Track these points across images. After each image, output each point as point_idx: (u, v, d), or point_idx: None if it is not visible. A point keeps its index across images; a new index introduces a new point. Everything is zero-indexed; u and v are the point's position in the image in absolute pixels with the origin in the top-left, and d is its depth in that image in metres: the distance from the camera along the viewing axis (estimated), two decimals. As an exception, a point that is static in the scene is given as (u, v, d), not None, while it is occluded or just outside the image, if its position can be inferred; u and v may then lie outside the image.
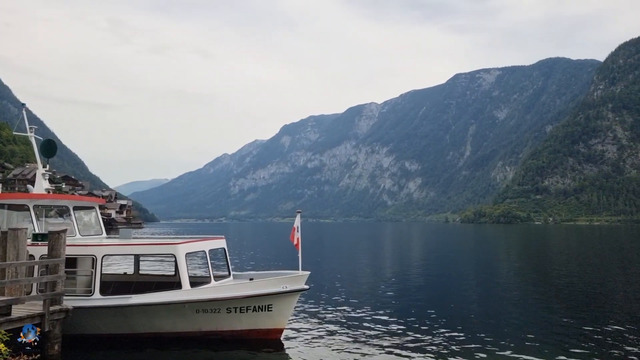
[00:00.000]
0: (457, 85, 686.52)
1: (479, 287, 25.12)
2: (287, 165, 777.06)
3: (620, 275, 29.83)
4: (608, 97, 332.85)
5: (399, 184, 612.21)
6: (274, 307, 13.27)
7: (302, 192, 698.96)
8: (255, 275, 15.41)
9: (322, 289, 22.47)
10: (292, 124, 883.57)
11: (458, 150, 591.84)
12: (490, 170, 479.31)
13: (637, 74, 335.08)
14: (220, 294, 13.05)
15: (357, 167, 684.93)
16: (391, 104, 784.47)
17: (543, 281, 27.22)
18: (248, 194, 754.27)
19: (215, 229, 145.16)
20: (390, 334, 13.98)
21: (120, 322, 13.00)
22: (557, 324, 15.53)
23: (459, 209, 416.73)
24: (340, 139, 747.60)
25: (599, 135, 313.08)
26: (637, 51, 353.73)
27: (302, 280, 13.70)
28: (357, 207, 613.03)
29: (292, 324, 14.99)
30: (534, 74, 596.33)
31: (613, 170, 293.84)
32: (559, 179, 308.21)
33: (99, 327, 13.00)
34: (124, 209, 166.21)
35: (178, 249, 13.25)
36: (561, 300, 20.53)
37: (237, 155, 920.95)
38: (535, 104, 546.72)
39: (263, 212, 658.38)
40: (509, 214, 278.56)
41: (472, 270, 33.78)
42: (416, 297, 20.78)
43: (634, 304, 19.58)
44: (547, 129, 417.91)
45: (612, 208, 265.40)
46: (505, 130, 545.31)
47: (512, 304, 19.54)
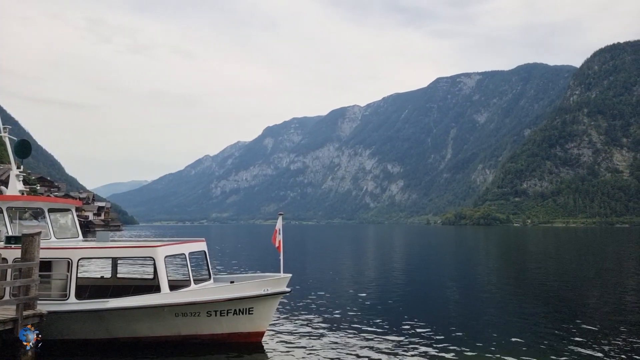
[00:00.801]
0: (438, 89, 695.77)
1: (459, 288, 25.44)
2: (269, 167, 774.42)
3: (594, 275, 30.62)
4: (584, 102, 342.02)
5: (381, 186, 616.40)
6: (255, 310, 13.19)
7: (285, 194, 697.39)
8: (236, 278, 15.28)
9: (304, 292, 22.44)
10: (275, 126, 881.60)
11: (439, 153, 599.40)
12: (470, 173, 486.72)
13: (612, 80, 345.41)
14: (200, 297, 12.90)
15: (340, 169, 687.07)
16: (374, 106, 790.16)
17: (521, 282, 27.74)
18: (230, 196, 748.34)
19: (196, 232, 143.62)
20: (372, 336, 14.04)
21: (96, 327, 12.73)
22: (535, 324, 15.84)
23: (440, 211, 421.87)
24: (323, 141, 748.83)
25: (575, 140, 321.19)
26: (611, 58, 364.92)
27: (284, 283, 13.66)
28: (340, 209, 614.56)
29: (273, 327, 14.93)
30: (513, 78, 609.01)
31: (588, 173, 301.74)
32: (537, 181, 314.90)
33: (75, 332, 12.71)
34: (102, 211, 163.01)
35: (157, 251, 13.05)
36: (539, 300, 20.95)
37: (219, 156, 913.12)
38: (514, 108, 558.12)
39: (245, 215, 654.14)
40: (489, 216, 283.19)
41: (453, 271, 34.20)
42: (398, 299, 20.93)
43: (608, 303, 20.11)
44: (525, 133, 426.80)
45: (588, 210, 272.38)
46: (485, 133, 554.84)
47: (492, 305, 19.85)
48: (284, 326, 15.29)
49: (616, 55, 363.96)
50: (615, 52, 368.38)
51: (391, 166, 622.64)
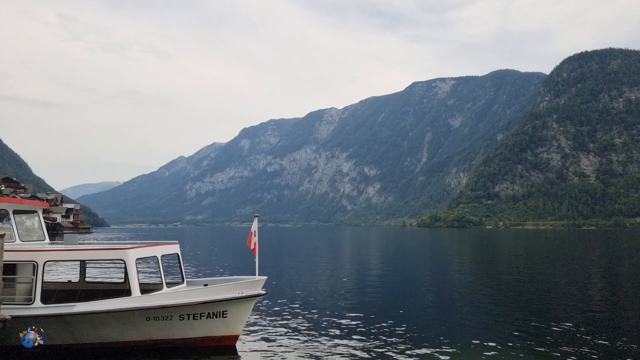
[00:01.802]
0: (414, 93, 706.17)
1: (434, 289, 25.79)
2: (246, 168, 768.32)
3: (562, 275, 31.56)
4: (553, 108, 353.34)
5: (358, 188, 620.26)
6: (229, 313, 13.02)
7: (262, 196, 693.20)
8: (210, 281, 15.08)
9: (280, 294, 22.30)
10: (252, 127, 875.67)
11: (415, 157, 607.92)
12: (445, 176, 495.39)
13: (580, 87, 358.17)
14: (173, 300, 12.64)
15: (317, 171, 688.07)
16: (351, 109, 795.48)
17: (494, 282, 28.34)
18: (205, 198, 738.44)
19: (169, 234, 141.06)
20: (348, 338, 14.06)
21: (63, 332, 12.32)
22: (506, 323, 16.18)
23: (416, 213, 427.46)
24: (300, 143, 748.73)
25: (545, 144, 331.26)
26: (579, 66, 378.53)
27: (259, 286, 13.53)
28: (317, 212, 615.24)
29: (248, 330, 14.77)
30: (486, 84, 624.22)
31: (557, 177, 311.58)
32: (508, 185, 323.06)
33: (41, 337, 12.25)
34: (71, 213, 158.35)
35: (128, 254, 12.74)
36: (510, 300, 21.44)
37: (194, 158, 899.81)
38: (487, 113, 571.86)
39: (221, 217, 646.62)
40: (462, 219, 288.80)
41: (428, 272, 34.66)
42: (373, 301, 21.04)
43: (575, 302, 20.75)
44: (498, 138, 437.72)
45: (557, 213, 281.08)
46: (460, 137, 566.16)
47: (466, 305, 20.18)
48: (258, 329, 15.14)
49: (584, 64, 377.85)
50: (582, 61, 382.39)
51: (368, 169, 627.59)
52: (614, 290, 25.15)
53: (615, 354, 12.55)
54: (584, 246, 70.40)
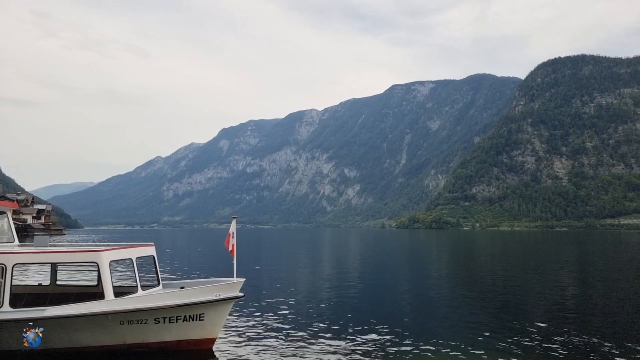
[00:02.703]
0: (394, 95, 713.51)
1: (412, 289, 26.03)
2: (225, 169, 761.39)
3: (536, 275, 32.32)
4: (528, 113, 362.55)
5: (338, 190, 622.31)
6: (206, 316, 12.85)
7: (241, 197, 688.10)
8: (187, 283, 14.85)
9: (259, 296, 22.14)
10: (231, 128, 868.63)
11: (394, 158, 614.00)
12: (424, 178, 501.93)
13: (553, 92, 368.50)
14: (148, 303, 12.40)
15: (297, 172, 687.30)
16: (331, 111, 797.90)
17: (470, 282, 28.81)
18: (183, 199, 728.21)
19: (145, 236, 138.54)
20: (327, 340, 14.04)
21: None
22: (483, 323, 16.44)
23: (395, 214, 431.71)
24: (280, 144, 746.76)
25: (520, 147, 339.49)
26: (553, 71, 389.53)
27: (237, 288, 13.39)
28: (297, 213, 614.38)
29: (225, 333, 14.61)
30: (464, 88, 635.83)
31: (531, 179, 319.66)
32: (485, 187, 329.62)
33: (9, 342, 11.84)
34: (42, 214, 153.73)
35: (101, 256, 12.43)
36: (486, 300, 21.80)
37: (172, 158, 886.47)
38: (464, 117, 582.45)
39: (199, 218, 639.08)
40: (440, 220, 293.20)
41: (406, 273, 34.97)
42: (352, 302, 21.09)
43: (549, 301, 21.27)
44: (475, 140, 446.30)
45: (531, 214, 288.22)
46: (438, 140, 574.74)
47: (443, 306, 20.42)
48: (236, 332, 14.99)
49: (557, 69, 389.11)
50: (556, 66, 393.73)
51: (348, 170, 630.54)
52: (585, 290, 25.89)
53: (589, 351, 12.90)
54: (556, 247, 72.33)
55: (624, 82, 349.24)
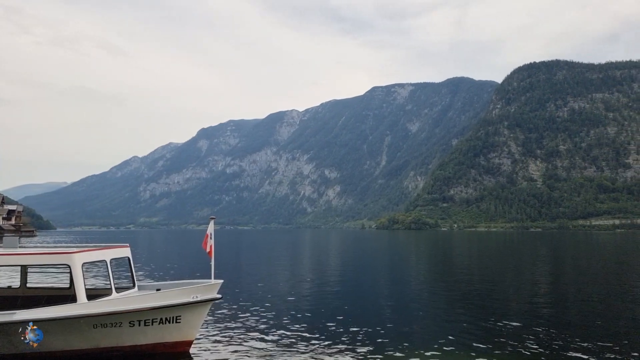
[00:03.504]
0: (374, 97, 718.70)
1: (391, 290, 26.23)
2: (204, 170, 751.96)
3: (511, 275, 33.05)
4: (504, 116, 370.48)
5: (318, 191, 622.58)
6: (182, 318, 12.66)
7: (220, 198, 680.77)
8: (163, 285, 14.62)
9: (237, 298, 21.96)
10: (211, 128, 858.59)
11: (374, 160, 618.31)
12: (403, 180, 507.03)
13: (528, 96, 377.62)
14: (122, 306, 12.13)
15: (278, 173, 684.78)
16: (312, 112, 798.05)
17: (447, 282, 29.20)
18: (160, 199, 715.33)
19: (120, 237, 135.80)
20: (305, 342, 14.01)
21: (3, 341, 11.54)
22: (460, 322, 16.69)
23: (375, 215, 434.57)
24: (260, 144, 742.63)
25: (496, 150, 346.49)
26: (528, 75, 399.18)
27: (214, 290, 13.24)
28: (277, 214, 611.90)
29: (202, 336, 14.43)
30: (443, 91, 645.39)
31: (507, 181, 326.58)
32: (462, 188, 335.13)
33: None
34: (13, 215, 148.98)
35: (73, 258, 12.10)
36: (463, 299, 22.14)
37: (149, 158, 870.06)
38: (443, 119, 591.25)
39: (176, 219, 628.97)
40: (419, 221, 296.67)
41: (386, 273, 35.22)
42: (332, 303, 21.11)
43: (523, 300, 21.75)
44: (453, 143, 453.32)
45: (507, 216, 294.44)
46: (417, 142, 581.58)
47: (421, 305, 20.63)
48: (214, 334, 14.82)
49: (532, 74, 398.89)
50: (531, 71, 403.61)
51: (328, 171, 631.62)
52: (558, 289, 26.58)
53: (563, 348, 13.23)
54: (531, 248, 74.08)
55: (595, 87, 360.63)
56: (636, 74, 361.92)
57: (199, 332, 14.19)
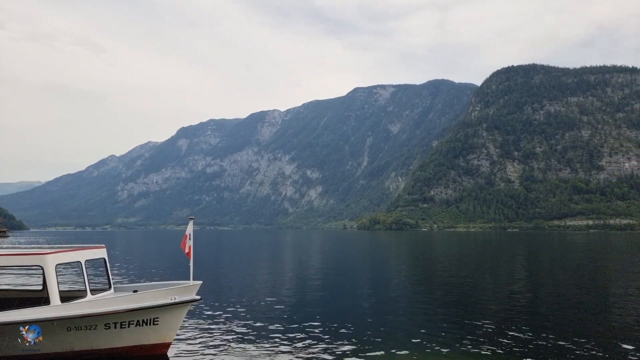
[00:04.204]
0: (356, 98, 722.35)
1: (371, 291, 26.31)
2: (183, 169, 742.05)
3: (490, 274, 33.62)
4: (483, 118, 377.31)
5: (300, 191, 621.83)
6: (160, 320, 12.44)
7: (200, 198, 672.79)
8: (140, 287, 14.34)
9: (216, 300, 21.71)
10: (191, 127, 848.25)
11: (356, 160, 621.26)
12: (384, 180, 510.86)
13: (507, 99, 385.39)
14: (98, 308, 11.85)
15: (259, 173, 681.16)
16: (294, 112, 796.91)
17: (427, 282, 29.51)
18: (138, 199, 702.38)
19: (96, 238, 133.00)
20: (284, 344, 13.93)
21: None
22: (439, 321, 16.87)
23: (356, 216, 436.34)
24: (241, 144, 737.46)
25: (475, 152, 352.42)
26: (506, 79, 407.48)
27: (193, 291, 13.05)
28: (258, 214, 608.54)
29: (180, 338, 14.20)
30: (424, 93, 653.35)
31: (486, 182, 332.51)
32: (442, 189, 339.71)
33: None
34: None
35: (46, 259, 11.76)
36: (443, 298, 22.40)
37: (127, 157, 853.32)
38: (424, 121, 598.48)
39: (155, 220, 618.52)
40: (400, 221, 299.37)
41: (366, 274, 35.36)
42: (313, 305, 21.07)
43: (500, 298, 22.13)
44: (433, 144, 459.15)
45: (485, 216, 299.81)
46: (398, 143, 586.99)
47: (402, 305, 20.78)
48: (192, 336, 14.61)
49: (510, 77, 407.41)
50: (509, 74, 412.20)
51: (310, 172, 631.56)
52: (534, 289, 27.14)
53: (538, 345, 13.50)
54: (508, 248, 75.54)
55: (570, 91, 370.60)
56: (610, 79, 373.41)
57: (177, 334, 13.97)
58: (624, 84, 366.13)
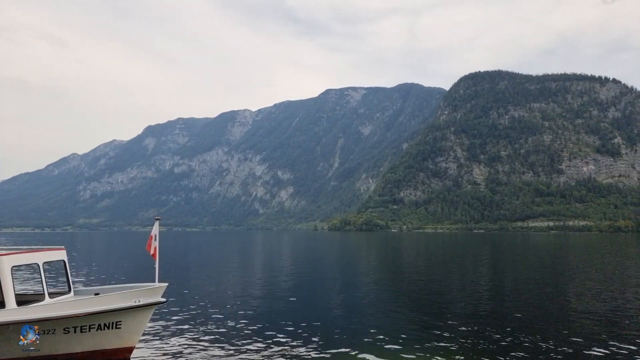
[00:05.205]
0: (328, 100, 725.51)
1: (340, 292, 26.42)
2: (150, 169, 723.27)
3: (455, 273, 34.39)
4: (451, 122, 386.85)
5: (271, 192, 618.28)
6: (123, 324, 12.07)
7: (167, 198, 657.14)
8: (102, 289, 13.88)
9: (183, 302, 21.26)
10: (158, 125, 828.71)
11: (328, 162, 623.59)
12: (355, 182, 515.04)
13: (473, 104, 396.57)
14: (55, 312, 11.39)
15: (229, 174, 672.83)
16: (265, 112, 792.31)
17: (396, 282, 29.90)
18: (102, 199, 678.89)
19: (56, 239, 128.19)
20: (254, 347, 13.77)
21: None
22: (407, 321, 17.10)
23: (327, 217, 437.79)
24: (211, 144, 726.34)
25: (443, 154, 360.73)
26: (473, 84, 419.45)
27: (158, 293, 12.74)
28: (228, 215, 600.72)
29: (144, 341, 13.81)
30: (394, 96, 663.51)
31: (453, 185, 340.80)
32: (412, 191, 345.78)
33: None
34: None
35: (1, 261, 11.21)
36: (410, 299, 22.74)
37: (90, 155, 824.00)
38: (394, 123, 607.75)
39: (120, 220, 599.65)
40: (370, 222, 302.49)
41: (336, 276, 35.50)
42: (282, 307, 20.95)
43: (467, 298, 22.67)
44: (403, 146, 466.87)
45: (452, 217, 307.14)
46: (369, 145, 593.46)
47: (371, 306, 20.93)
48: (157, 340, 14.23)
49: (477, 82, 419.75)
50: (476, 80, 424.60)
51: (281, 172, 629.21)
52: (498, 287, 27.97)
53: (502, 343, 13.89)
54: (473, 248, 77.60)
55: (533, 97, 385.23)
56: (570, 86, 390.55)
57: (142, 338, 13.60)
58: (583, 91, 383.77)
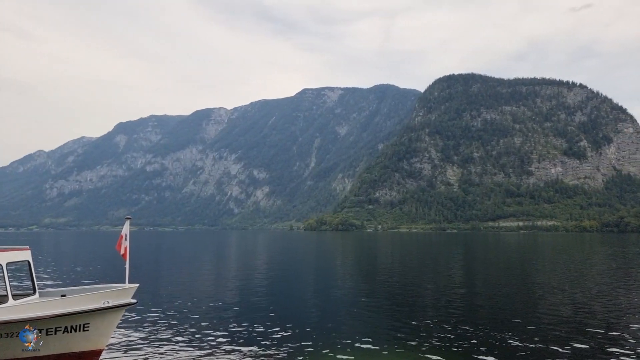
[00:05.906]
0: (304, 99, 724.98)
1: (317, 291, 26.39)
2: (121, 167, 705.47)
3: (429, 272, 34.89)
4: (425, 123, 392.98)
5: (246, 191, 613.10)
6: (91, 326, 11.68)
7: (139, 197, 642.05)
8: (70, 291, 13.38)
9: (154, 303, 20.77)
10: (130, 122, 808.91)
11: (304, 161, 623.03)
12: (331, 182, 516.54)
13: (447, 106, 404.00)
14: (18, 314, 10.90)
15: (203, 173, 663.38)
16: (241, 110, 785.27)
17: (370, 281, 30.07)
18: (70, 198, 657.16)
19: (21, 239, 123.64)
20: (226, 349, 13.56)
21: None
22: (381, 319, 17.19)
23: (303, 217, 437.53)
24: (185, 142, 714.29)
25: (418, 155, 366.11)
26: (448, 86, 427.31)
27: (129, 294, 12.37)
28: (202, 215, 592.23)
29: (113, 344, 13.40)
30: (370, 96, 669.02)
31: (427, 185, 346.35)
32: (387, 191, 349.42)
33: None
34: None
35: None
36: (384, 297, 22.90)
37: (57, 153, 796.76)
38: (370, 124, 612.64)
39: (89, 220, 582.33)
40: (346, 222, 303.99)
41: (312, 275, 35.45)
42: (255, 308, 20.74)
43: (438, 295, 23.00)
44: (379, 147, 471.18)
45: (426, 217, 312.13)
46: (345, 145, 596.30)
47: (344, 305, 20.97)
48: (126, 342, 13.84)
49: (451, 85, 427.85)
50: (450, 82, 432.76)
51: (257, 172, 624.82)
52: (470, 284, 28.51)
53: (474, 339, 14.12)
54: (446, 247, 79.01)
55: (505, 100, 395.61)
56: (539, 90, 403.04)
57: (111, 341, 13.18)
58: (551, 95, 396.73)
